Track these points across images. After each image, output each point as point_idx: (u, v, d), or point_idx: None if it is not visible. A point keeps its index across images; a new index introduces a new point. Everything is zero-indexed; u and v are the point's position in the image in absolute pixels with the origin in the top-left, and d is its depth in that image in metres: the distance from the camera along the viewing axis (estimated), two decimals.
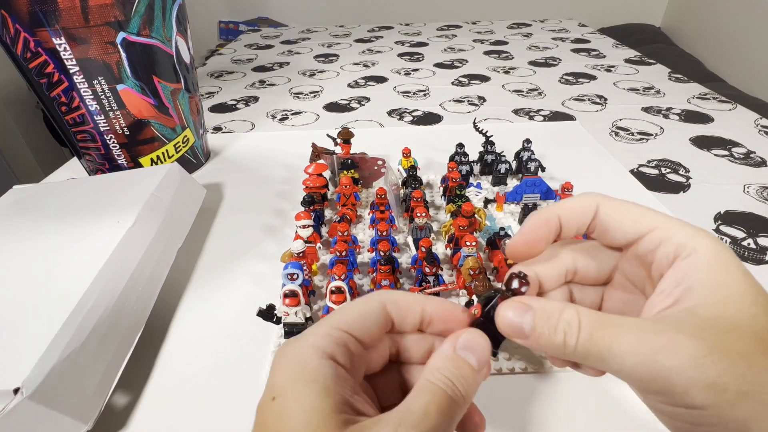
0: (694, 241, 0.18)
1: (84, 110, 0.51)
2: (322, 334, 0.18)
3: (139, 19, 0.49)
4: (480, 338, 0.19)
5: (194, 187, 0.51)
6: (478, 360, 0.18)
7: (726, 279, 0.17)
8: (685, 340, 0.15)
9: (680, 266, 0.18)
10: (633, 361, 0.16)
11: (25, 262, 0.37)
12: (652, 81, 0.91)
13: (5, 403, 0.24)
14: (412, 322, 0.21)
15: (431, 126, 0.76)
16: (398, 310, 0.20)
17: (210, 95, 0.94)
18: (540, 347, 0.18)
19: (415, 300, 0.21)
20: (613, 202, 0.20)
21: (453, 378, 0.18)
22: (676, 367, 0.15)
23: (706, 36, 1.98)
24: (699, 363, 0.15)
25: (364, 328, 0.19)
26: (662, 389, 0.16)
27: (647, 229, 0.19)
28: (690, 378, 0.15)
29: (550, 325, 0.18)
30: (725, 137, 0.68)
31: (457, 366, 0.18)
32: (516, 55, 1.11)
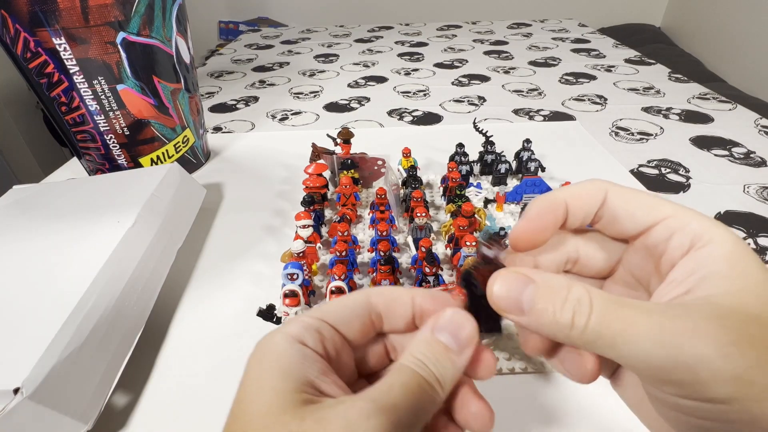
0: (711, 232, 0.16)
1: (84, 110, 0.51)
2: (295, 322, 0.18)
3: (139, 19, 0.49)
4: (460, 318, 0.18)
5: (194, 187, 0.51)
6: (456, 341, 0.17)
7: (744, 270, 0.15)
8: (709, 327, 0.14)
9: (695, 256, 0.16)
10: (650, 346, 0.14)
11: (25, 262, 0.37)
12: (652, 81, 0.91)
13: (5, 403, 0.24)
14: (403, 314, 0.20)
15: (431, 126, 0.76)
16: (385, 301, 0.19)
17: (210, 95, 0.94)
18: (539, 326, 0.16)
19: (402, 292, 0.20)
20: (622, 189, 0.19)
21: (425, 360, 0.17)
22: (701, 355, 0.14)
23: (706, 36, 1.98)
24: (726, 352, 0.14)
25: (342, 317, 0.19)
26: (682, 380, 0.14)
27: (661, 217, 0.17)
28: (715, 368, 0.14)
29: (557, 300, 0.16)
30: (725, 137, 0.68)
31: (432, 348, 0.17)
32: (516, 55, 1.11)
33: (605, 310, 0.15)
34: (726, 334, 0.14)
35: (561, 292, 0.16)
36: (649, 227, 0.18)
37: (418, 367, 0.17)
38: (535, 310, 0.16)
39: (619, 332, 0.15)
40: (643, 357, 0.14)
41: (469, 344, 0.18)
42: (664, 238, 0.17)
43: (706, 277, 0.16)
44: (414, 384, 0.16)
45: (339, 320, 0.18)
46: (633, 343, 0.15)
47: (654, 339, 0.14)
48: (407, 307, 0.19)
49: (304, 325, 0.17)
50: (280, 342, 0.17)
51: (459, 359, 0.17)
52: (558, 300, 0.16)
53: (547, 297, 0.16)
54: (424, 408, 0.16)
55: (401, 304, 0.19)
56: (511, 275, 0.17)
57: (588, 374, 0.18)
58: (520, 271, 0.17)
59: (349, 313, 0.19)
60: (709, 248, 0.16)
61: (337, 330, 0.18)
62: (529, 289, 0.16)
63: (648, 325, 0.14)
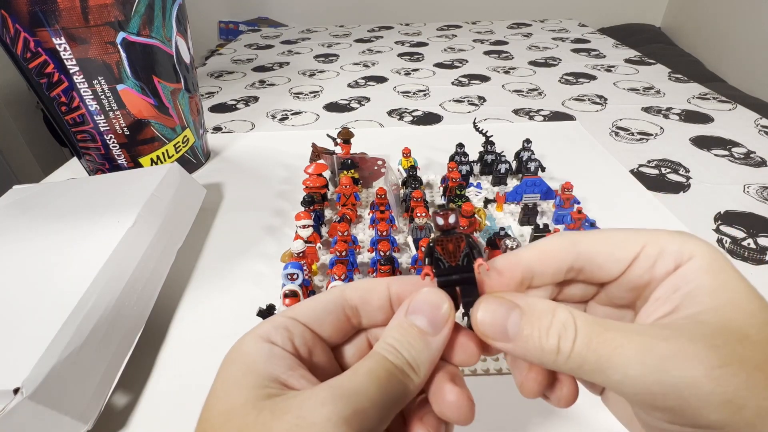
0: (690, 247, 0.16)
1: (84, 110, 0.51)
2: (265, 323, 0.18)
3: (139, 19, 0.49)
4: (433, 297, 0.17)
5: (194, 187, 0.51)
6: (431, 321, 0.17)
7: (727, 283, 0.15)
8: (697, 349, 0.14)
9: (678, 272, 0.16)
10: (639, 371, 0.14)
11: (25, 262, 0.37)
12: (652, 81, 0.91)
13: (5, 403, 0.24)
14: (380, 305, 0.19)
15: (431, 126, 0.76)
16: (360, 295, 0.19)
17: (210, 95, 0.94)
18: (525, 353, 0.16)
19: (377, 283, 0.19)
20: (591, 235, 0.18)
21: (396, 343, 0.16)
22: (690, 379, 0.13)
23: (706, 36, 1.98)
24: (715, 375, 0.13)
25: (314, 314, 0.18)
26: (671, 405, 0.14)
27: (638, 248, 0.17)
28: (705, 392, 0.13)
29: (542, 326, 0.15)
30: (725, 137, 0.68)
31: (404, 331, 0.17)
32: (516, 55, 1.11)
33: (590, 333, 0.15)
34: (715, 355, 0.13)
35: (546, 316, 0.16)
36: (630, 264, 0.17)
37: (388, 352, 0.16)
38: (520, 337, 0.16)
39: (605, 357, 0.14)
40: (630, 382, 0.14)
41: (445, 324, 0.17)
42: (647, 266, 0.17)
43: (690, 293, 0.15)
44: (381, 370, 0.15)
45: (310, 318, 0.18)
46: (620, 368, 0.14)
47: (641, 363, 0.14)
48: (383, 297, 0.19)
49: (273, 325, 0.17)
50: (247, 342, 0.17)
51: (434, 341, 0.17)
52: (543, 325, 0.16)
53: (532, 322, 0.16)
54: (393, 395, 0.15)
55: (377, 296, 0.19)
56: (495, 301, 0.17)
57: (564, 398, 0.17)
58: (504, 296, 0.17)
59: (321, 310, 0.18)
60: (690, 264, 0.16)
61: (309, 328, 0.18)
62: (514, 314, 0.16)
63: (634, 349, 0.14)
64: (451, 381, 0.17)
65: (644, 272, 0.17)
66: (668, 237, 0.17)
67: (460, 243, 0.18)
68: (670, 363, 0.14)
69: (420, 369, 0.16)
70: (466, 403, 0.17)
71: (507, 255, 0.19)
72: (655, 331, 0.15)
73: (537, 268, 0.18)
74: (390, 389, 0.15)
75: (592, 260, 0.18)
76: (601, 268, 0.18)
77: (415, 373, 0.16)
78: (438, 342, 0.17)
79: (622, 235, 0.18)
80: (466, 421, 0.17)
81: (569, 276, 0.18)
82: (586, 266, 0.18)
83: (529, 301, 0.16)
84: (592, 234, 0.18)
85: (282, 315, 0.18)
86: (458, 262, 0.18)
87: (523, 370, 0.17)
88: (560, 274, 0.18)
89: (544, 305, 0.16)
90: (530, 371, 0.17)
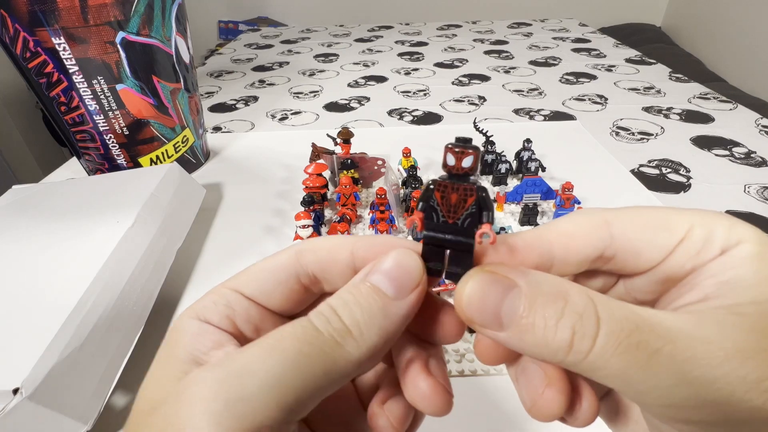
0: (739, 230, 0.13)
1: (83, 110, 0.51)
2: (206, 297, 0.15)
3: (139, 18, 0.49)
4: (403, 257, 0.14)
5: (194, 186, 0.51)
6: (393, 283, 0.14)
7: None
8: (745, 354, 0.11)
9: (720, 258, 0.13)
10: (674, 383, 0.11)
11: (24, 262, 0.37)
12: (652, 81, 0.91)
13: (5, 403, 0.24)
14: (342, 273, 0.15)
15: (431, 126, 0.76)
16: (317, 259, 0.15)
17: (209, 95, 0.94)
18: (522, 345, 0.12)
19: (340, 244, 0.16)
20: (624, 213, 0.14)
21: (338, 305, 0.13)
22: (735, 391, 0.11)
23: (707, 36, 1.98)
24: (764, 388, 0.11)
25: (260, 286, 0.15)
26: (707, 420, 0.11)
27: (685, 229, 0.13)
28: (754, 407, 0.11)
29: (549, 314, 0.12)
30: (726, 137, 0.68)
31: (354, 290, 0.14)
32: (516, 55, 1.11)
33: (618, 330, 0.11)
34: (764, 363, 0.11)
35: (556, 301, 0.12)
36: (677, 245, 0.14)
37: (317, 315, 0.13)
38: (518, 325, 0.12)
39: (634, 364, 0.11)
40: (661, 394, 0.11)
41: (414, 288, 0.14)
42: (692, 254, 0.13)
43: (729, 282, 0.13)
44: (292, 339, 0.12)
45: (256, 291, 0.15)
46: (651, 378, 0.11)
47: (679, 373, 0.11)
48: (345, 263, 0.15)
49: (213, 300, 0.15)
50: (180, 321, 0.15)
51: (396, 307, 0.13)
52: (551, 313, 0.12)
53: (536, 308, 0.12)
54: (309, 373, 0.12)
55: (338, 265, 0.15)
56: (488, 277, 0.13)
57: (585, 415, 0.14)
58: (500, 270, 0.13)
59: (270, 281, 0.15)
60: (737, 249, 0.13)
61: (256, 301, 0.15)
62: (512, 295, 0.13)
63: (674, 357, 0.11)
64: (424, 365, 0.14)
65: (688, 260, 0.13)
66: (716, 218, 0.14)
67: (468, 197, 0.14)
68: (713, 372, 0.11)
69: (363, 337, 0.13)
70: (440, 393, 0.14)
71: (526, 232, 0.15)
72: (696, 328, 0.12)
73: (559, 254, 0.14)
74: (304, 365, 0.12)
75: (629, 246, 0.14)
76: (638, 256, 0.14)
77: (355, 340, 0.13)
78: (401, 309, 0.13)
79: (663, 214, 0.14)
80: (439, 412, 0.14)
81: (595, 265, 0.15)
82: (619, 254, 0.14)
83: (533, 278, 0.13)
84: (626, 212, 0.14)
85: (225, 286, 0.15)
86: (457, 220, 0.14)
87: (536, 386, 0.13)
88: (586, 263, 0.15)
89: (553, 284, 0.13)
90: (549, 388, 0.13)
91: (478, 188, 0.14)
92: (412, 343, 0.15)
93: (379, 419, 0.15)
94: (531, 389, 0.13)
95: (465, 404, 0.32)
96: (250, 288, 0.15)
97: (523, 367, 0.14)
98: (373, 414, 0.15)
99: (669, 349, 0.11)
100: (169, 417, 0.12)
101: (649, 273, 0.14)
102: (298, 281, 0.16)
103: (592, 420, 0.14)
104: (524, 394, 0.14)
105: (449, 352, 0.35)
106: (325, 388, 0.13)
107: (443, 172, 0.14)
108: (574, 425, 0.14)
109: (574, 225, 0.15)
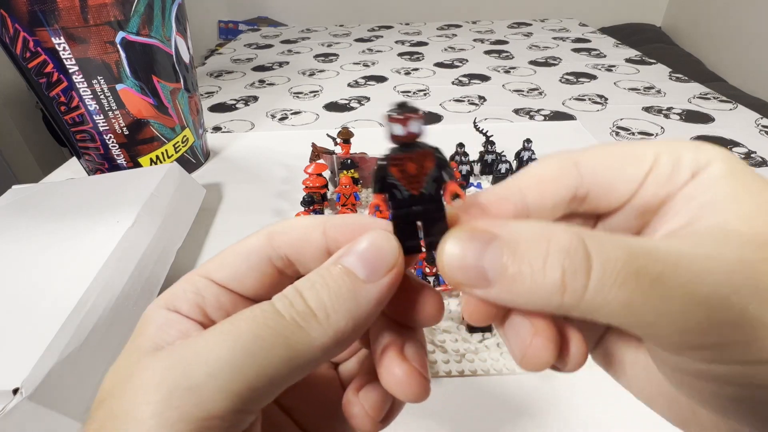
0: (707, 153, 0.13)
1: (83, 110, 0.51)
2: (176, 285, 0.15)
3: (139, 18, 0.49)
4: (378, 239, 0.13)
5: (194, 186, 0.51)
6: (366, 264, 0.13)
7: (752, 188, 0.12)
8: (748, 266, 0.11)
9: (694, 181, 0.13)
10: (683, 307, 0.11)
11: (24, 262, 0.37)
12: (652, 81, 0.91)
13: (4, 403, 0.24)
14: (314, 256, 0.15)
15: (431, 126, 0.76)
16: (290, 241, 0.15)
17: (209, 95, 0.94)
18: (515, 298, 0.12)
19: (311, 227, 0.15)
20: (591, 151, 0.14)
21: (305, 288, 0.13)
22: (748, 307, 0.10)
23: (707, 36, 1.98)
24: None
25: (232, 272, 0.15)
26: (719, 342, 0.11)
27: (652, 158, 0.13)
28: (762, 322, 0.10)
29: (535, 257, 0.11)
30: (726, 137, 0.68)
31: (323, 272, 0.13)
32: (516, 55, 1.11)
33: (613, 260, 0.11)
34: (764, 275, 0.11)
35: (540, 242, 0.11)
36: (643, 180, 0.14)
37: (280, 298, 0.12)
38: (505, 278, 0.11)
39: (638, 294, 0.11)
40: (672, 320, 0.11)
41: (386, 271, 0.13)
42: (663, 181, 0.13)
43: (710, 202, 0.12)
44: (249, 323, 0.12)
45: (227, 277, 0.15)
46: (660, 306, 0.10)
47: (688, 295, 0.10)
48: (317, 244, 0.15)
49: (182, 289, 0.14)
50: (148, 311, 0.14)
51: (368, 290, 0.13)
52: (536, 254, 0.11)
53: (520, 255, 0.11)
54: (265, 359, 0.11)
55: (311, 243, 0.15)
56: (465, 234, 0.12)
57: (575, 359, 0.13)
58: (477, 226, 0.12)
59: (240, 264, 0.15)
60: (708, 170, 0.13)
61: (227, 288, 0.15)
62: (493, 247, 0.12)
63: (678, 279, 0.11)
64: (400, 350, 0.14)
65: (660, 187, 0.13)
66: (682, 144, 0.14)
67: (425, 162, 0.13)
68: (723, 291, 0.11)
69: (330, 321, 0.12)
70: (416, 377, 0.13)
71: (496, 186, 0.15)
72: (695, 247, 0.11)
73: (533, 201, 0.14)
74: (260, 351, 0.11)
75: (599, 182, 0.14)
76: (610, 191, 0.14)
77: (320, 324, 0.12)
78: (373, 293, 0.13)
79: (628, 148, 0.14)
80: (415, 398, 0.13)
81: (571, 208, 0.15)
82: (591, 191, 0.14)
83: (513, 226, 0.12)
84: (593, 150, 0.14)
85: (195, 273, 0.15)
86: (422, 189, 0.13)
87: (525, 336, 0.13)
88: (562, 206, 0.14)
89: (534, 227, 0.12)
90: (537, 337, 0.12)
91: (432, 149, 0.13)
92: (389, 327, 0.15)
93: (353, 407, 0.15)
94: (519, 341, 0.13)
95: (465, 404, 0.32)
96: (221, 273, 0.15)
97: (510, 322, 0.13)
98: (347, 402, 0.15)
99: (671, 271, 0.11)
100: (113, 408, 0.11)
101: (625, 208, 0.14)
102: (271, 264, 0.15)
103: (582, 363, 0.13)
104: (513, 347, 0.13)
105: (449, 352, 0.35)
106: (287, 376, 0.12)
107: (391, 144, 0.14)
108: (565, 371, 0.13)
109: (543, 169, 0.14)
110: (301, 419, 0.17)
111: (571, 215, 0.15)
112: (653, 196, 0.13)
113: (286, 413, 0.16)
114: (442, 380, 0.33)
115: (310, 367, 0.12)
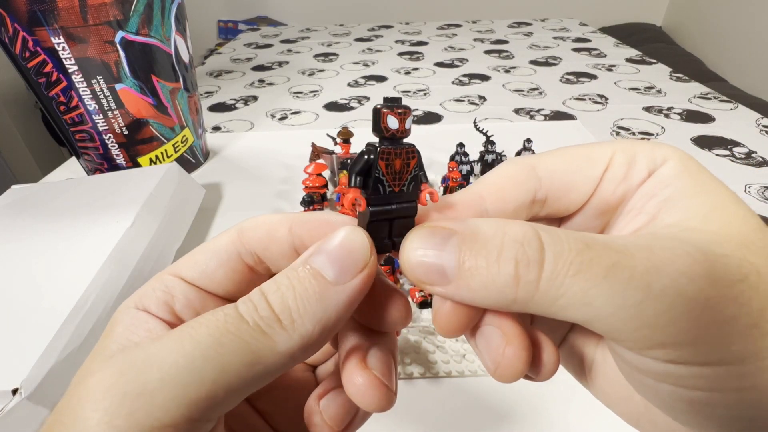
0: (662, 151, 0.13)
1: (82, 110, 0.51)
2: (147, 284, 0.14)
3: (138, 18, 0.49)
4: (350, 238, 0.13)
5: (193, 186, 0.51)
6: (336, 265, 0.12)
7: (707, 185, 0.13)
8: (707, 261, 0.11)
9: (652, 178, 0.13)
10: (641, 299, 0.10)
11: (23, 262, 0.36)
12: (653, 80, 0.91)
13: (4, 403, 0.24)
14: (281, 253, 0.14)
15: (431, 125, 0.76)
16: (259, 238, 0.14)
17: (209, 95, 0.94)
18: (472, 294, 0.12)
19: (278, 224, 0.14)
20: (548, 155, 0.15)
21: (270, 290, 0.12)
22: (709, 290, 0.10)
23: (708, 35, 1.98)
24: (734, 294, 0.10)
25: (201, 269, 0.14)
26: (680, 339, 0.10)
27: (607, 158, 0.14)
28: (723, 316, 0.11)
29: (490, 251, 0.11)
30: (726, 137, 0.68)
31: (291, 274, 0.12)
32: (516, 55, 1.11)
33: (566, 250, 0.11)
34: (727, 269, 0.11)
35: (495, 236, 0.11)
36: (600, 179, 0.14)
37: (245, 301, 0.12)
38: (462, 272, 0.11)
39: (592, 284, 0.10)
40: (629, 314, 0.10)
41: (356, 272, 0.12)
42: (619, 179, 0.14)
43: (669, 199, 0.13)
44: (207, 328, 0.11)
45: (196, 275, 0.14)
46: (615, 297, 0.10)
47: (644, 286, 0.10)
48: (284, 240, 0.14)
49: (152, 287, 0.14)
50: (117, 312, 0.14)
51: (337, 292, 0.12)
52: (492, 248, 0.11)
53: (476, 249, 0.11)
54: (223, 366, 0.11)
55: (278, 240, 0.14)
56: (425, 231, 0.12)
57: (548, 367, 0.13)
58: (438, 223, 0.13)
59: (210, 262, 0.14)
60: (665, 167, 0.13)
61: (197, 286, 0.14)
62: (451, 243, 0.12)
63: (634, 269, 0.10)
64: (362, 357, 0.13)
65: (617, 185, 0.14)
66: (636, 143, 0.14)
67: (410, 159, 0.13)
68: (682, 281, 0.10)
69: (295, 326, 0.12)
70: (377, 387, 0.13)
71: (460, 192, 0.15)
72: (652, 241, 0.12)
73: (493, 207, 0.14)
74: (219, 357, 0.11)
75: (557, 185, 0.14)
76: (569, 193, 0.14)
77: (284, 330, 0.12)
78: (342, 295, 0.12)
79: (584, 149, 0.14)
80: (376, 408, 0.13)
81: (533, 212, 0.15)
82: (551, 194, 0.14)
83: (471, 222, 0.12)
84: (549, 154, 0.15)
85: (165, 271, 0.15)
86: (402, 187, 0.13)
87: (497, 347, 0.12)
88: (522, 210, 0.15)
89: (491, 223, 0.12)
90: (509, 347, 0.12)
91: (416, 148, 0.14)
92: (356, 331, 0.14)
93: (314, 416, 0.14)
94: (492, 352, 0.13)
95: (465, 404, 0.32)
96: (190, 271, 0.14)
97: (481, 333, 0.13)
98: (308, 410, 0.14)
99: (627, 261, 0.11)
100: (62, 414, 0.11)
101: (585, 209, 0.14)
102: (241, 261, 0.14)
103: (555, 370, 0.13)
104: (486, 359, 0.13)
105: (449, 353, 0.35)
106: (249, 383, 0.11)
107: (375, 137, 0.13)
108: (538, 380, 0.13)
109: (501, 175, 0.15)
110: (276, 423, 0.16)
111: (533, 219, 0.15)
112: (611, 194, 0.14)
113: (260, 416, 0.16)
114: (443, 381, 0.33)
115: (274, 374, 0.12)
